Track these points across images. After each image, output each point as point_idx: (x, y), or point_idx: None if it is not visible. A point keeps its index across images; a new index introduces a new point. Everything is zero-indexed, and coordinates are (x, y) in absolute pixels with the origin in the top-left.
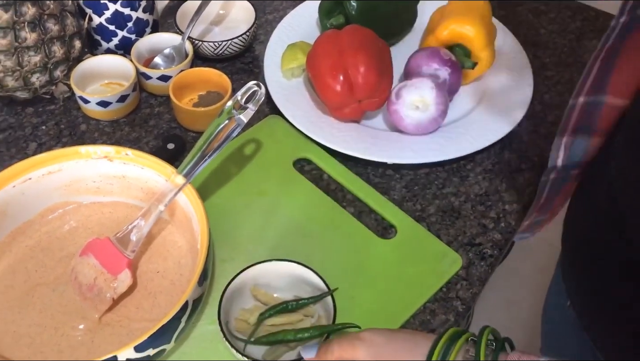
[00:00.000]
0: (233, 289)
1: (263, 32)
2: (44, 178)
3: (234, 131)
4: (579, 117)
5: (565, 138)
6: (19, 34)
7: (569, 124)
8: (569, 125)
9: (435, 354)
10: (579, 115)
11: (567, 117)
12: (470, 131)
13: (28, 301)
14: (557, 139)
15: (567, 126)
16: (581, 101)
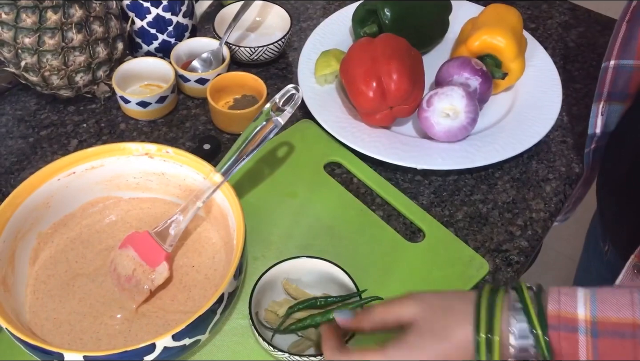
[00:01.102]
0: (265, 281)
1: (297, 40)
2: (87, 173)
3: (271, 133)
4: (612, 81)
5: (601, 104)
6: (66, 35)
7: (603, 89)
8: (603, 90)
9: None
10: (611, 79)
11: (601, 81)
12: (499, 139)
13: (68, 290)
14: (594, 106)
15: (602, 90)
16: (612, 64)
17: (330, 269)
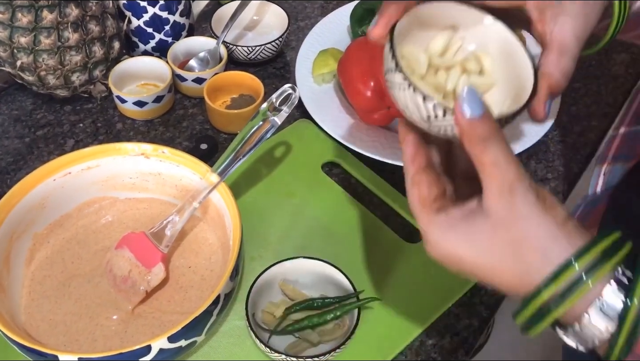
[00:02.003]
0: (262, 282)
1: (295, 39)
2: (82, 173)
3: (268, 133)
4: (619, 146)
5: (604, 166)
6: (62, 34)
7: (609, 153)
8: (609, 154)
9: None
10: (619, 144)
11: (607, 146)
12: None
13: (64, 291)
14: (597, 168)
15: (607, 154)
16: (622, 131)
17: (328, 270)
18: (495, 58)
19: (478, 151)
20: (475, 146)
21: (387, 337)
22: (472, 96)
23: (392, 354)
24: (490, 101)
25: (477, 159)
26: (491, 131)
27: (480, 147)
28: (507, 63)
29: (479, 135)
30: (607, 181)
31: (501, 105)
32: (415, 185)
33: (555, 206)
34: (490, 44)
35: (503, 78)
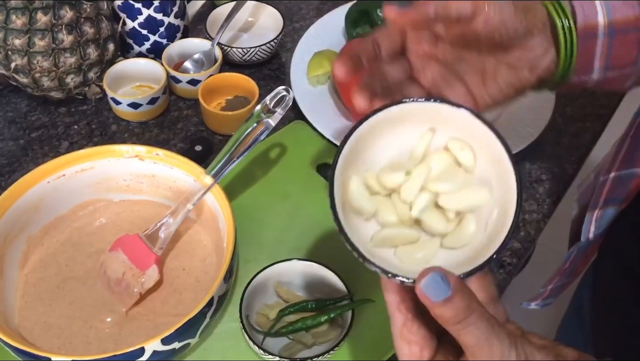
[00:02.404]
0: (257, 284)
1: (290, 40)
2: (77, 175)
3: (262, 134)
4: (610, 190)
5: (596, 212)
6: (56, 36)
7: (600, 198)
8: (600, 199)
9: None
10: (610, 188)
11: (597, 193)
12: None
13: (58, 294)
14: (589, 215)
15: (599, 200)
16: (612, 176)
17: (322, 271)
18: (482, 161)
19: (456, 332)
20: (451, 327)
21: (381, 338)
22: (434, 282)
23: (386, 355)
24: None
25: (457, 338)
26: (465, 311)
27: (457, 328)
28: (493, 166)
29: (451, 317)
30: (598, 226)
31: (488, 215)
32: (405, 343)
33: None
34: (471, 140)
35: (490, 185)
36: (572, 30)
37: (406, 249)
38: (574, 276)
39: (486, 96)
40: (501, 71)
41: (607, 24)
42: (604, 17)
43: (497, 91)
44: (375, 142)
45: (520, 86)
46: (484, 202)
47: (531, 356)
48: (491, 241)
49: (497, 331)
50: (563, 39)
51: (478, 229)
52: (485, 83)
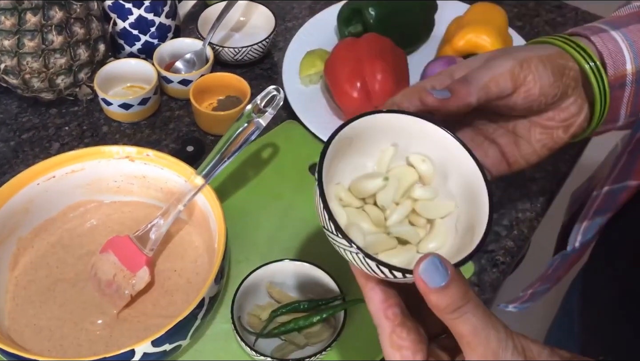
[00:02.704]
0: (248, 284)
1: (282, 40)
2: (67, 177)
3: (253, 134)
4: (600, 203)
5: (584, 224)
6: (46, 37)
7: (590, 211)
8: (589, 212)
9: None
10: (601, 201)
11: (589, 206)
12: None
13: (49, 296)
14: (577, 226)
15: (589, 212)
16: (605, 190)
17: (314, 272)
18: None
19: (451, 321)
20: (446, 315)
21: (373, 338)
22: (432, 266)
23: (379, 355)
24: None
25: (452, 328)
26: (461, 297)
27: (452, 317)
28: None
29: (448, 305)
30: (585, 235)
31: (456, 218)
32: (396, 349)
33: (545, 355)
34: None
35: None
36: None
37: (386, 255)
38: (555, 282)
39: (519, 157)
40: (535, 133)
41: (635, 72)
42: (632, 64)
43: (531, 152)
44: (344, 155)
45: (554, 145)
46: (451, 209)
47: (527, 348)
48: (465, 240)
49: (493, 321)
50: (599, 97)
51: (449, 234)
52: (518, 145)
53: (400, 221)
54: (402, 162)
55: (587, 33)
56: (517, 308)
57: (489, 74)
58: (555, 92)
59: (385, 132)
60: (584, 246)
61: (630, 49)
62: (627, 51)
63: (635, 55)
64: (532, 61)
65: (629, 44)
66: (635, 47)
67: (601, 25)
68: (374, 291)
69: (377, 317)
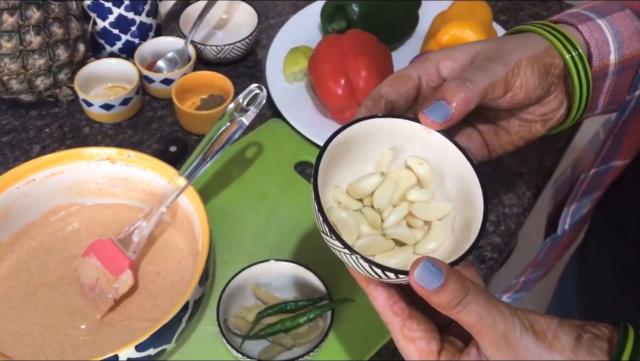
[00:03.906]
0: (234, 286)
1: (265, 37)
2: (47, 180)
3: (236, 134)
4: (588, 185)
5: (572, 206)
6: (24, 37)
7: (578, 193)
8: (578, 194)
9: None
10: (588, 183)
11: (577, 189)
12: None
13: (31, 302)
14: (566, 209)
15: (576, 195)
16: (592, 173)
17: (300, 272)
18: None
19: (456, 315)
20: (450, 311)
21: (362, 338)
22: (426, 271)
23: (367, 355)
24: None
25: (459, 321)
26: (461, 291)
27: (456, 311)
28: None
29: (449, 302)
30: (573, 217)
31: (452, 220)
32: (410, 342)
33: (558, 338)
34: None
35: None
36: (589, 77)
37: (383, 256)
38: (547, 268)
39: (497, 145)
40: (514, 125)
41: (618, 62)
42: (615, 54)
43: (508, 142)
44: (342, 159)
45: (530, 137)
46: (449, 211)
47: (535, 322)
48: (461, 240)
49: (495, 303)
50: (579, 91)
51: (446, 235)
52: (497, 134)
53: (397, 223)
54: (401, 166)
55: (574, 21)
56: (511, 298)
57: (488, 80)
58: (539, 93)
59: (382, 137)
60: (573, 229)
61: (615, 38)
62: (612, 41)
63: (619, 45)
64: (521, 65)
65: (614, 34)
66: (619, 36)
67: (587, 13)
68: (377, 291)
69: (385, 315)
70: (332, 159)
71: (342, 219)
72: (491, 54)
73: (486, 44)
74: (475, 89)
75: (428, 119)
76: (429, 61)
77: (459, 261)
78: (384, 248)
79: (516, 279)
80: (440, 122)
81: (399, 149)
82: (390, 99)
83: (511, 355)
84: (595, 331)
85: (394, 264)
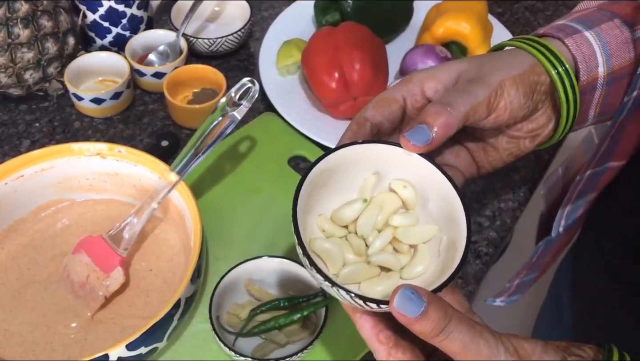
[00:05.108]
0: (226, 283)
1: (258, 29)
2: (36, 175)
3: (228, 128)
4: (583, 187)
5: (567, 208)
6: (12, 31)
7: (573, 195)
8: (573, 195)
9: None
10: (583, 185)
11: (572, 191)
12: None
13: (20, 299)
14: (560, 211)
15: (572, 196)
16: (587, 174)
17: (295, 268)
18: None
19: (439, 343)
20: (433, 339)
21: (356, 335)
22: (405, 299)
23: (361, 353)
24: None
25: (443, 349)
26: (443, 319)
27: (439, 339)
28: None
29: (431, 330)
30: (568, 219)
31: (439, 242)
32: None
33: (540, 355)
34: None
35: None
36: (576, 91)
37: (369, 284)
38: (541, 270)
39: (486, 162)
40: (502, 142)
41: (606, 75)
42: (604, 66)
43: (497, 159)
44: (325, 186)
45: (520, 153)
46: (435, 233)
47: (520, 348)
48: (447, 262)
49: (479, 330)
50: (566, 106)
51: (432, 258)
52: (485, 151)
53: (382, 248)
54: (385, 189)
55: (561, 35)
56: (505, 302)
57: (469, 104)
58: (524, 112)
59: (365, 162)
60: (568, 231)
61: (603, 50)
62: (600, 54)
63: (608, 57)
64: (505, 86)
65: (602, 45)
66: (607, 48)
67: (574, 25)
68: (363, 319)
69: (371, 343)
70: (314, 187)
71: (325, 250)
72: (473, 75)
73: (470, 64)
74: (457, 113)
75: (409, 143)
76: (413, 82)
77: (442, 287)
78: (369, 275)
79: (510, 283)
80: (421, 146)
81: (382, 173)
82: (375, 122)
83: None
84: (579, 352)
85: (379, 292)
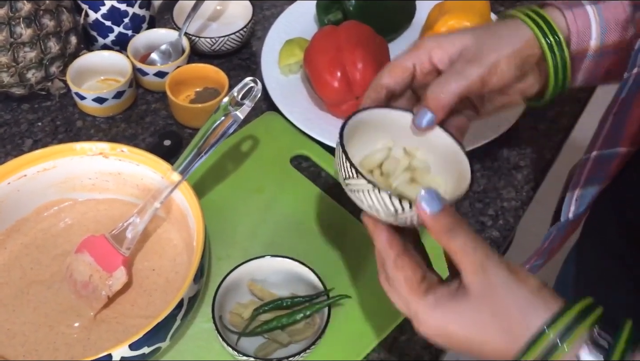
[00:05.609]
0: (229, 283)
1: (260, 29)
2: (39, 175)
3: (231, 128)
4: (591, 170)
5: (577, 192)
6: (14, 30)
7: (581, 177)
8: (581, 178)
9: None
10: (591, 168)
11: (579, 172)
12: (469, 128)
13: (23, 299)
14: (569, 194)
15: (580, 179)
16: (594, 155)
17: (297, 268)
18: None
19: (445, 241)
20: (441, 236)
21: (359, 335)
22: (430, 195)
23: (364, 352)
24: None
25: (446, 247)
26: (453, 222)
27: (446, 237)
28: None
29: (442, 227)
30: (579, 205)
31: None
32: (399, 270)
33: (528, 276)
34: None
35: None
36: (567, 64)
37: None
38: (549, 256)
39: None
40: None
41: (599, 47)
42: (597, 40)
43: (492, 108)
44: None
45: (511, 105)
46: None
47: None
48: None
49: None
50: (554, 73)
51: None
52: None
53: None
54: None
55: (562, 7)
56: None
57: (463, 86)
58: (515, 82)
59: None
60: (577, 217)
61: (599, 25)
62: (595, 28)
63: (603, 31)
64: (499, 65)
65: (600, 20)
66: (605, 23)
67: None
68: (381, 231)
69: (383, 249)
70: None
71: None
72: (472, 55)
73: (472, 39)
74: (451, 96)
75: (420, 125)
76: (422, 49)
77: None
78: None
79: None
80: (426, 127)
81: (397, 137)
82: (390, 89)
83: (485, 284)
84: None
85: None
